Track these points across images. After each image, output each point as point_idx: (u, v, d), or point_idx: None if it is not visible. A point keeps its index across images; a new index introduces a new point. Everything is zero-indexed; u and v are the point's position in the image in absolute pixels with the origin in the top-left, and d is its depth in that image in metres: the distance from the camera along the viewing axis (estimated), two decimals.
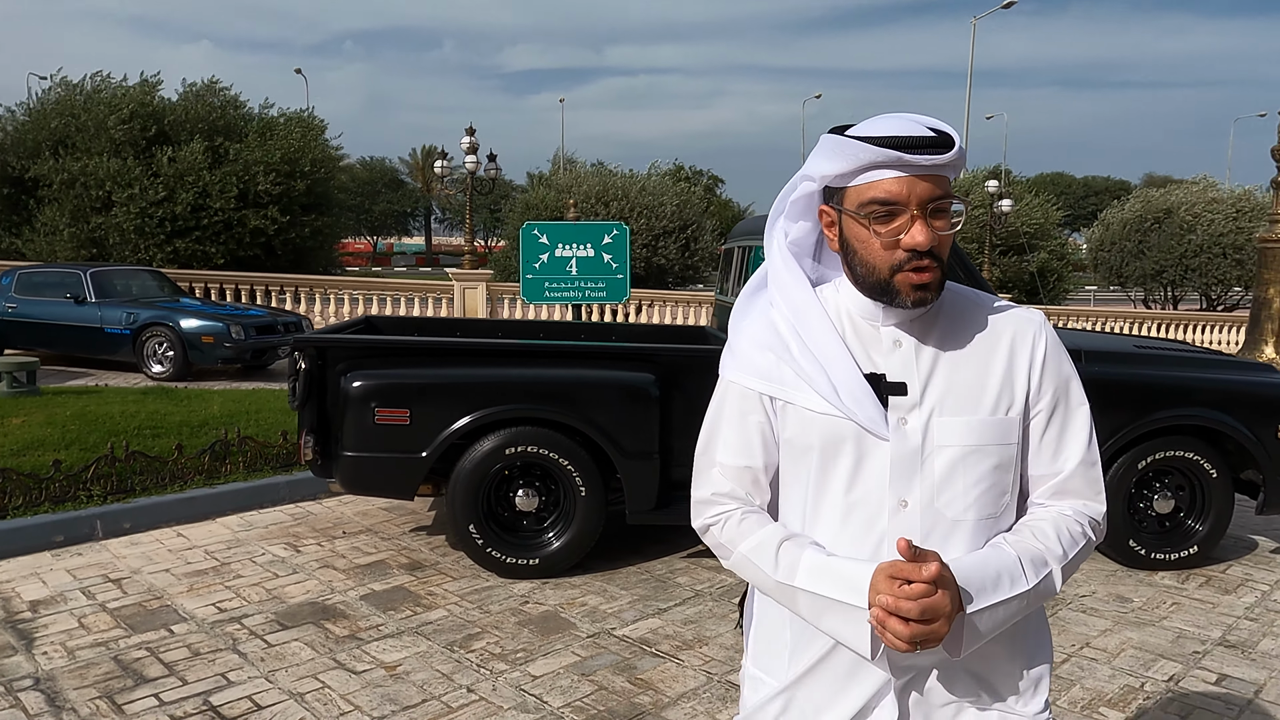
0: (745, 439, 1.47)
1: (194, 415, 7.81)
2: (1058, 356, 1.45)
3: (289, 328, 12.15)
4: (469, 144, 17.23)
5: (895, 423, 1.37)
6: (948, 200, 1.34)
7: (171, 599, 4.42)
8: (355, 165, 38.97)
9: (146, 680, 3.60)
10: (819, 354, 1.40)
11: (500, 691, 3.58)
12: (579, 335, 6.46)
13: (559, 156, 51.79)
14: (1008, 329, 1.44)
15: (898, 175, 1.31)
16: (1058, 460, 1.43)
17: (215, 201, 18.65)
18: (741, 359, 1.48)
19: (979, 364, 1.41)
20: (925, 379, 1.39)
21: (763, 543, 1.41)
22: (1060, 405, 1.44)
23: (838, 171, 1.36)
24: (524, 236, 8.72)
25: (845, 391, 1.37)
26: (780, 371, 1.42)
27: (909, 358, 1.41)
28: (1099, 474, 1.47)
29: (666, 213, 24.75)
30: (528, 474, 4.80)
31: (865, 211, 1.34)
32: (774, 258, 1.53)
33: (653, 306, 18.31)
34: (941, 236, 1.34)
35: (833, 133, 1.37)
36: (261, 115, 21.39)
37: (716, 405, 1.53)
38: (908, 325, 1.42)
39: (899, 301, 1.36)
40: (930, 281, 1.35)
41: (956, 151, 1.32)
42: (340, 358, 4.72)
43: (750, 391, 1.46)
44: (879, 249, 1.35)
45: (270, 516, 5.78)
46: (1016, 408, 1.42)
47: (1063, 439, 1.44)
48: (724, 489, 1.49)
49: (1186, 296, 30.89)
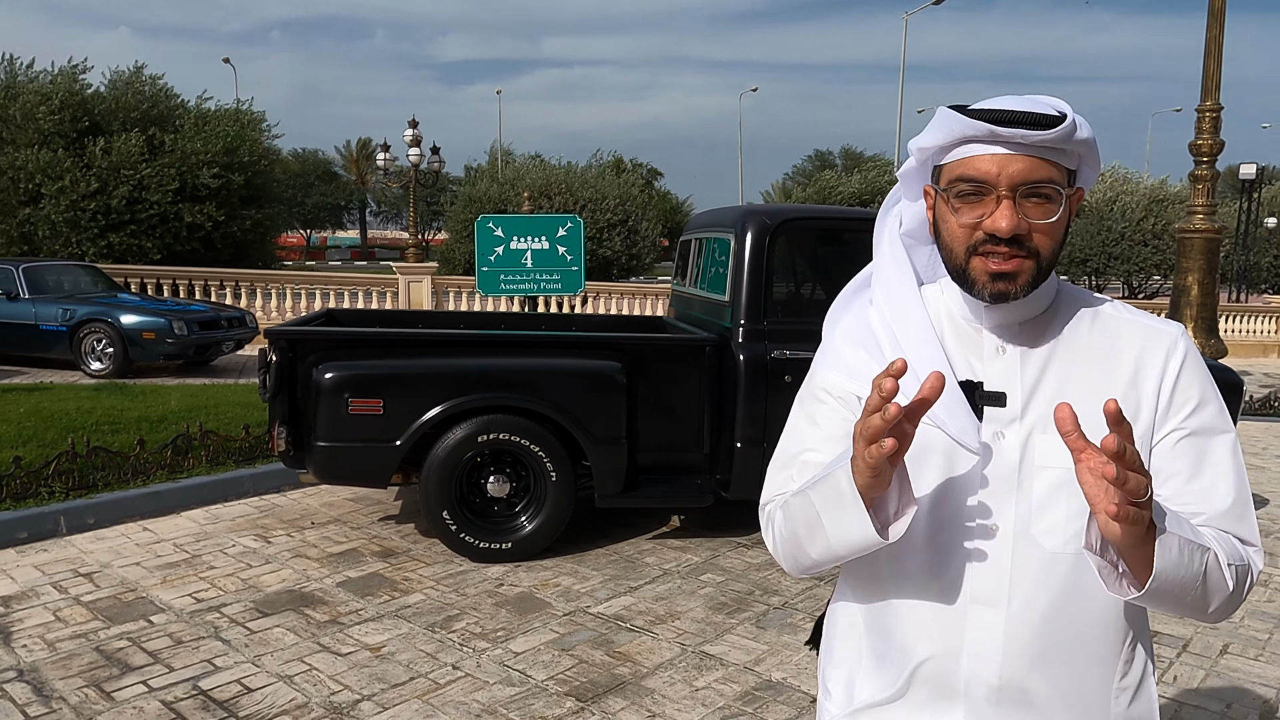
0: (829, 435, 1.32)
1: (152, 410, 7.74)
2: (1196, 374, 1.26)
3: (232, 323, 12.02)
4: (412, 136, 17.13)
5: (990, 437, 1.23)
6: (1050, 184, 1.18)
7: (146, 591, 4.45)
8: (287, 157, 38.22)
9: (132, 668, 3.65)
10: (911, 355, 1.26)
11: (485, 668, 3.72)
12: (540, 326, 6.59)
13: (496, 149, 51.58)
14: (1135, 340, 1.27)
15: (992, 152, 1.18)
16: (1196, 493, 1.23)
17: (153, 195, 18.24)
18: (831, 354, 1.37)
19: (1097, 378, 1.25)
20: (1029, 391, 1.25)
21: (805, 483, 1.26)
22: (1200, 431, 1.24)
23: (934, 144, 1.24)
24: (479, 229, 8.80)
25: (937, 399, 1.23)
26: (871, 370, 1.29)
27: (1012, 366, 1.26)
28: (1254, 517, 1.25)
29: (609, 205, 24.92)
30: (499, 460, 4.93)
31: (953, 189, 1.22)
32: (882, 250, 1.41)
33: (598, 298, 18.45)
34: (1036, 224, 1.19)
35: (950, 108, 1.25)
36: (198, 106, 20.94)
37: (801, 403, 1.39)
38: (1015, 330, 1.28)
39: (977, 292, 1.22)
40: (1013, 271, 1.19)
41: (1062, 130, 1.16)
42: (312, 349, 4.79)
43: (838, 387, 1.33)
44: (957, 228, 1.22)
45: (236, 509, 5.81)
46: (1140, 430, 1.23)
47: (1200, 469, 1.23)
48: (790, 489, 1.33)
49: (1109, 285, 32.13)
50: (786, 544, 1.29)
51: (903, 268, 1.36)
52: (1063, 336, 1.28)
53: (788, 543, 1.28)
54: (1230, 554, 1.17)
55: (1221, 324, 17.32)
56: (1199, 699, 3.58)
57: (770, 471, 1.38)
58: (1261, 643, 4.14)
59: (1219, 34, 9.23)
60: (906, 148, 1.33)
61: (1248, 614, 4.48)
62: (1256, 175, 29.87)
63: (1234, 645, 4.10)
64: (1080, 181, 1.25)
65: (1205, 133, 9.32)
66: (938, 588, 1.24)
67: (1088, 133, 1.19)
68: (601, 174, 27.53)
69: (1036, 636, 1.21)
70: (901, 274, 1.36)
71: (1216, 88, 9.28)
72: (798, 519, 1.23)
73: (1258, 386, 14.36)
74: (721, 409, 5.06)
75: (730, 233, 5.17)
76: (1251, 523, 1.24)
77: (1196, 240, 9.52)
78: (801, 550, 1.25)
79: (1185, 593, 1.10)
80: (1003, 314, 1.27)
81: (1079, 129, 1.18)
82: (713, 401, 5.04)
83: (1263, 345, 20.34)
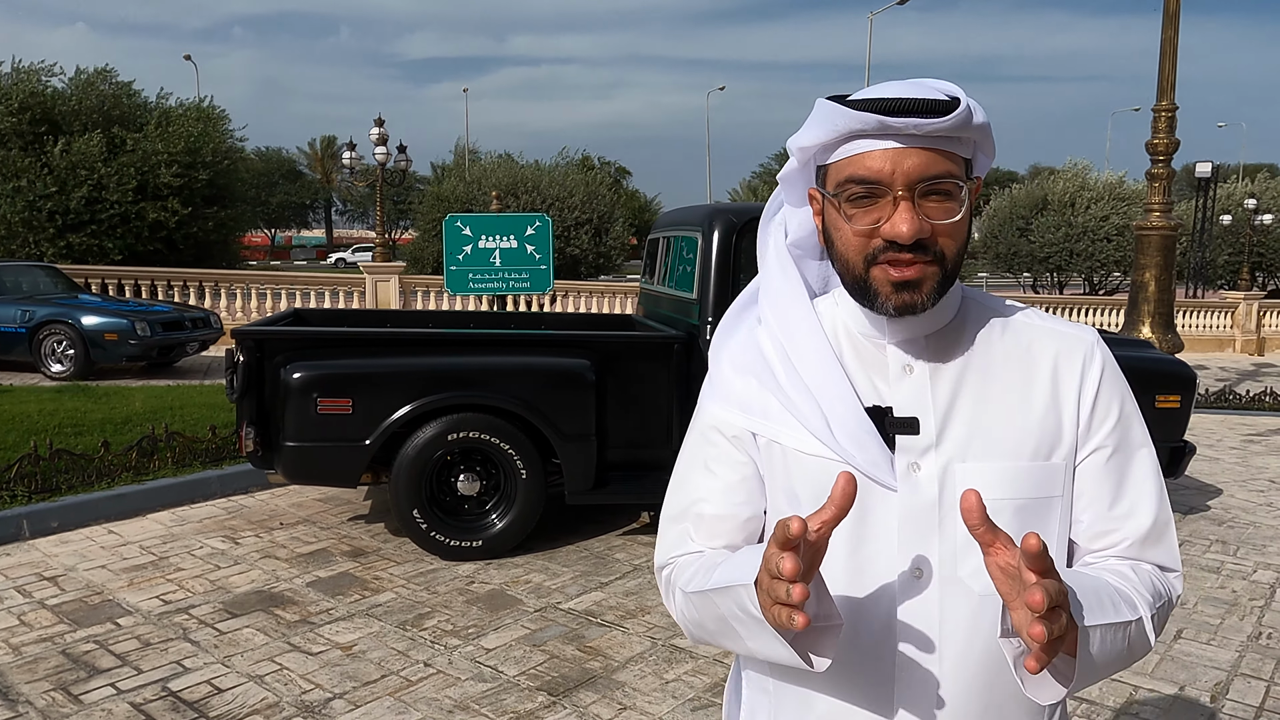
0: (725, 484, 1.18)
1: (116, 412, 7.66)
2: (1115, 385, 1.16)
3: (197, 324, 11.89)
4: (378, 135, 17.00)
5: (905, 469, 1.10)
6: (950, 179, 1.05)
7: (113, 594, 4.41)
8: (250, 156, 37.75)
9: (100, 671, 3.63)
10: (810, 380, 1.13)
11: (456, 664, 3.74)
12: (509, 324, 6.60)
13: (461, 147, 51.33)
14: (1049, 350, 1.16)
15: (883, 147, 1.04)
16: (1118, 518, 1.14)
17: (112, 194, 17.95)
18: (719, 386, 1.21)
19: (1014, 395, 1.13)
20: (943, 414, 1.11)
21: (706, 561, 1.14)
22: (1120, 447, 1.15)
23: (815, 141, 1.10)
24: (447, 228, 8.79)
25: (841, 428, 1.10)
26: (764, 401, 1.15)
27: (922, 386, 1.12)
28: (1174, 539, 1.17)
29: (576, 203, 24.91)
30: (469, 459, 4.95)
31: (843, 192, 1.07)
32: (768, 263, 1.25)
33: (567, 297, 18.45)
34: (939, 225, 1.05)
35: (829, 99, 1.10)
36: (159, 104, 20.64)
37: (688, 444, 1.24)
38: (921, 345, 1.14)
39: (879, 305, 1.08)
40: (917, 279, 1.06)
41: (958, 117, 1.03)
42: (280, 349, 4.77)
43: (729, 425, 1.18)
44: (851, 236, 1.07)
45: (203, 511, 5.77)
46: (1062, 450, 1.13)
47: (1122, 490, 1.14)
48: (688, 549, 1.20)
49: (1071, 281, 32.66)
50: (695, 627, 1.14)
51: (793, 281, 1.21)
52: (974, 349, 1.15)
53: (697, 627, 1.13)
54: (1153, 597, 1.09)
55: (1178, 319, 17.68)
56: (1154, 683, 3.69)
57: (663, 523, 1.24)
58: (1214, 628, 4.27)
59: (1174, 35, 9.45)
60: (786, 146, 1.16)
61: (1200, 600, 4.61)
62: (1212, 173, 30.51)
63: (1187, 630, 4.22)
64: (976, 170, 1.13)
65: (1161, 132, 9.53)
66: (860, 644, 1.10)
67: (983, 116, 1.08)
68: (569, 172, 27.49)
69: (973, 690, 1.09)
70: (792, 287, 1.21)
71: (1172, 88, 9.49)
72: (705, 615, 1.10)
73: (1213, 380, 14.69)
74: (690, 406, 5.10)
75: (698, 231, 5.22)
76: (1170, 544, 1.16)
77: (1154, 237, 9.73)
78: (715, 641, 1.12)
79: (1110, 669, 1.03)
80: (907, 327, 1.13)
81: (975, 113, 1.06)
82: (681, 398, 5.09)
83: (1218, 340, 20.79)
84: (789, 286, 1.21)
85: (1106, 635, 0.98)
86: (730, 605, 1.02)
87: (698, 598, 1.09)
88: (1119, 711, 3.44)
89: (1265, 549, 5.50)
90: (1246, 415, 10.68)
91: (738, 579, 1.00)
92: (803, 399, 1.12)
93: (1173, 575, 1.16)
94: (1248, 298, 21.15)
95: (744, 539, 1.18)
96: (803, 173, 1.18)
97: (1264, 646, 4.06)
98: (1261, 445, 8.90)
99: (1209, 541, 5.63)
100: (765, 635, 0.97)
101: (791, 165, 1.18)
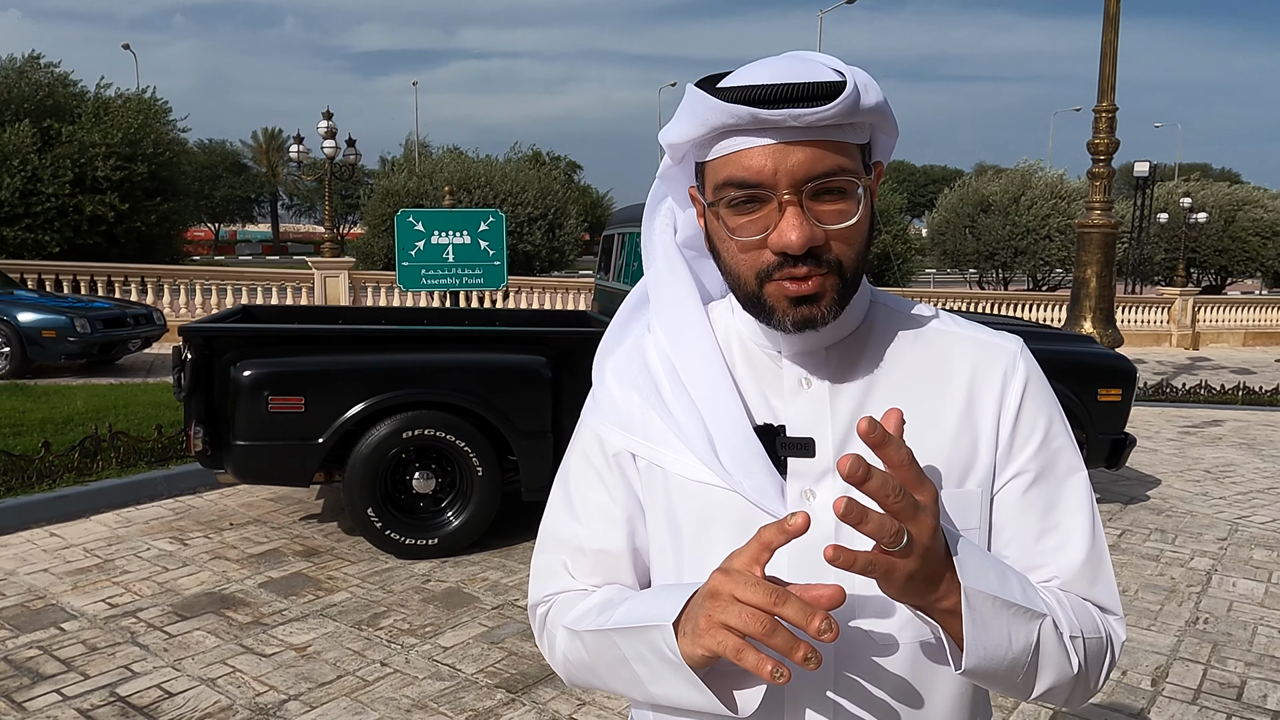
0: (604, 512, 1.06)
1: (56, 412, 7.44)
2: (1041, 400, 1.02)
3: (139, 320, 11.61)
4: (326, 128, 16.72)
5: (797, 496, 0.97)
6: (843, 175, 0.90)
7: (56, 598, 4.30)
8: (193, 148, 36.89)
9: (44, 677, 3.54)
10: (697, 396, 1.00)
11: (414, 663, 3.71)
12: (463, 321, 6.56)
13: (411, 141, 50.75)
14: (967, 359, 1.02)
15: (762, 143, 0.89)
16: (1046, 552, 1.00)
17: (47, 187, 17.43)
18: (601, 399, 1.08)
19: (924, 413, 0.99)
20: (843, 435, 0.98)
21: (596, 601, 1.03)
22: (1046, 472, 1.00)
23: (685, 138, 0.94)
24: (399, 224, 8.70)
25: (727, 450, 0.97)
26: (645, 420, 1.02)
27: (820, 403, 0.99)
28: (1111, 577, 1.02)
29: (529, 198, 24.80)
30: (424, 456, 4.91)
31: (722, 198, 0.93)
32: (655, 262, 1.11)
33: (520, 292, 18.36)
34: (833, 230, 0.91)
35: (699, 84, 0.94)
36: (97, 95, 20.06)
37: (566, 465, 1.11)
38: (821, 358, 1.01)
39: (777, 322, 0.94)
40: (816, 292, 0.92)
41: (844, 102, 0.87)
42: (229, 347, 4.69)
43: (610, 443, 1.05)
44: (738, 251, 0.94)
45: (150, 512, 5.64)
46: (978, 476, 0.99)
47: (1050, 521, 1.00)
48: (566, 585, 1.07)
49: (1015, 278, 33.36)
50: (580, 670, 1.01)
51: (683, 283, 1.08)
52: (880, 362, 1.02)
53: (583, 669, 1.01)
54: (1082, 624, 0.94)
55: (1118, 315, 18.14)
56: None
57: (537, 551, 1.12)
58: (1154, 614, 4.41)
59: (1114, 38, 9.69)
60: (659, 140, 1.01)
61: (1141, 587, 4.76)
62: (1149, 173, 31.37)
63: (1129, 617, 4.35)
64: (876, 154, 0.98)
65: (1102, 132, 9.78)
66: None
67: (876, 96, 0.91)
68: (521, 167, 27.34)
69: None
70: (681, 291, 1.07)
71: (1112, 89, 9.74)
72: (598, 658, 0.97)
73: (1151, 374, 15.13)
74: None
75: None
76: (1106, 582, 1.00)
77: (1095, 235, 9.99)
78: (603, 685, 1.00)
79: (1014, 671, 0.88)
80: (806, 339, 0.99)
81: (865, 94, 0.89)
82: None
83: (1156, 335, 21.39)
84: (679, 290, 1.07)
85: (1003, 615, 0.85)
86: (637, 647, 0.90)
87: (593, 638, 0.97)
88: None
89: (1201, 537, 5.69)
90: (1183, 408, 11.03)
91: (651, 618, 0.89)
92: (687, 416, 1.00)
93: (1113, 618, 1.00)
94: (1183, 294, 21.79)
95: (630, 575, 1.06)
96: (683, 169, 1.02)
97: (1201, 631, 4.21)
98: (1197, 437, 9.20)
99: (1148, 530, 5.81)
100: (678, 680, 0.87)
101: (667, 162, 1.03)
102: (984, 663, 0.85)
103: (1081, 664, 0.93)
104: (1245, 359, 18.90)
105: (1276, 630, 4.24)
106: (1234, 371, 16.21)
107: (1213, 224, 32.68)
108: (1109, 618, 1.00)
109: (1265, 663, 3.89)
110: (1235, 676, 3.76)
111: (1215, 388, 12.02)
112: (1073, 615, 0.94)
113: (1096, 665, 0.95)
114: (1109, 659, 0.98)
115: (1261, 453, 8.46)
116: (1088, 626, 0.95)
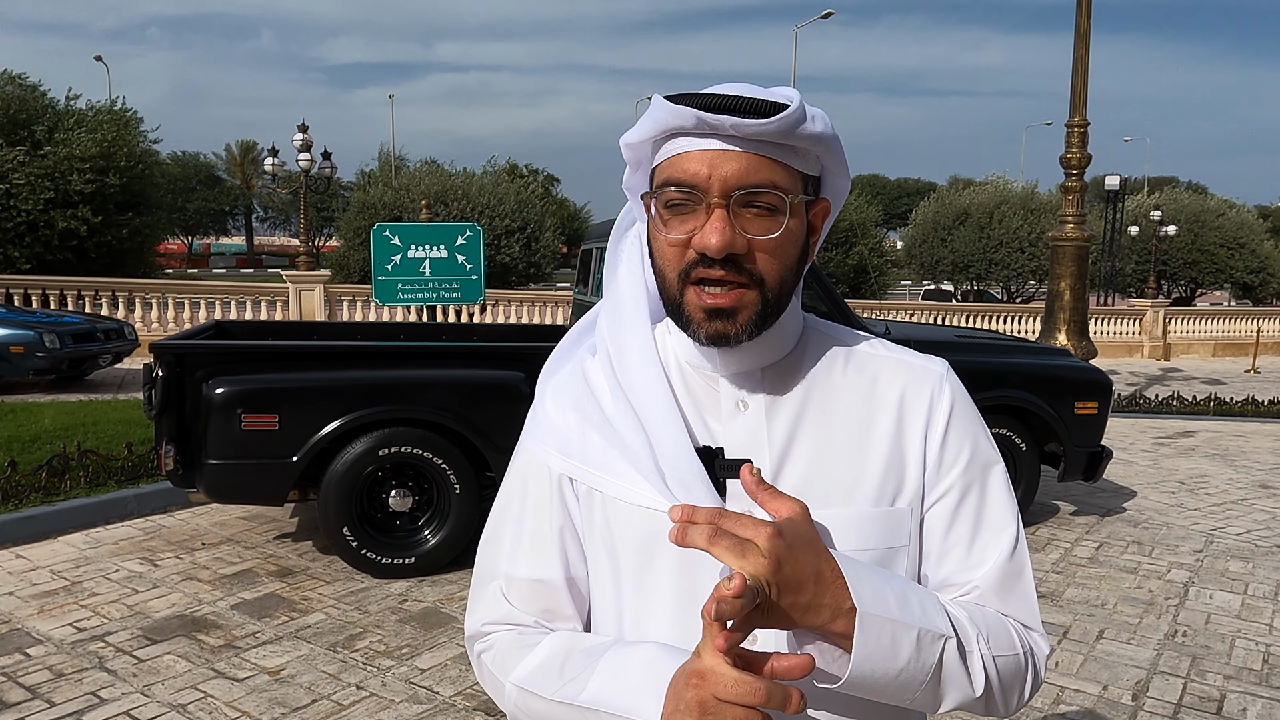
0: (538, 539, 1.05)
1: (23, 430, 7.29)
2: (966, 421, 1.05)
3: (110, 335, 11.44)
4: (302, 141, 16.62)
5: None
6: (773, 190, 0.92)
7: (21, 622, 4.20)
8: (166, 161, 36.53)
9: (8, 705, 3.44)
10: (642, 414, 1.00)
11: (390, 686, 3.65)
12: (440, 336, 6.50)
13: (385, 153, 50.53)
14: (896, 382, 1.05)
15: (702, 147, 0.92)
16: (971, 568, 1.02)
17: (24, 203, 17.17)
18: (540, 420, 1.07)
19: (856, 434, 1.02)
20: (779, 456, 1.00)
21: (549, 655, 0.99)
22: (972, 490, 1.03)
23: (641, 138, 0.98)
24: (376, 238, 8.63)
25: (671, 470, 0.97)
26: (584, 442, 1.02)
27: (757, 425, 1.00)
28: (1031, 591, 1.04)
29: (506, 211, 24.74)
30: (401, 474, 4.85)
31: (661, 197, 0.95)
32: (617, 282, 1.11)
33: (498, 306, 18.28)
34: (757, 241, 0.93)
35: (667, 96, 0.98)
36: (69, 107, 19.83)
37: (504, 489, 1.10)
38: (757, 379, 1.02)
39: (692, 332, 0.97)
40: (732, 306, 0.94)
41: (784, 119, 0.90)
42: (201, 363, 4.61)
43: (547, 470, 1.04)
44: (666, 248, 0.96)
45: (119, 532, 5.53)
46: (908, 494, 1.02)
47: (975, 537, 1.02)
48: (505, 615, 1.06)
49: (990, 290, 33.64)
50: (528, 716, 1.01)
51: (639, 303, 1.07)
52: (815, 384, 1.04)
53: (531, 716, 1.00)
54: (996, 643, 0.95)
55: (1091, 326, 18.34)
56: (1078, 682, 3.80)
57: (476, 582, 1.10)
58: (1133, 627, 4.42)
59: (1085, 54, 9.82)
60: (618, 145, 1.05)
61: (1120, 600, 4.77)
62: (1120, 186, 31.77)
63: (1109, 630, 4.36)
64: (826, 192, 1.02)
65: (1074, 146, 9.90)
66: None
67: (823, 127, 0.94)
68: (498, 180, 27.29)
69: None
70: (634, 310, 1.07)
71: (1083, 104, 9.87)
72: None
73: (1124, 385, 15.27)
74: None
75: None
76: (1025, 596, 1.02)
77: (1068, 248, 10.09)
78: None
79: (906, 690, 0.88)
80: (740, 359, 1.01)
81: (810, 121, 0.93)
82: None
83: (1128, 346, 21.63)
84: (633, 309, 1.07)
85: (902, 638, 0.86)
86: None
87: (562, 710, 0.95)
88: (1045, 713, 3.53)
89: (1178, 549, 5.72)
90: (1156, 419, 11.13)
91: (633, 712, 0.88)
92: (633, 437, 0.99)
93: (1035, 634, 1.02)
94: (1155, 305, 22.06)
95: (569, 605, 1.05)
96: (641, 177, 1.05)
97: (1180, 644, 4.22)
98: (1171, 448, 9.28)
99: (1126, 543, 5.83)
100: None
101: (629, 171, 1.06)
102: (867, 680, 0.86)
103: (989, 683, 0.93)
104: (1215, 369, 19.15)
105: (1254, 643, 4.26)
106: (1205, 382, 16.41)
107: (1182, 237, 33.11)
108: (1030, 634, 1.01)
109: (1244, 675, 3.90)
110: (1215, 690, 3.76)
111: (1187, 399, 12.14)
112: (985, 632, 0.95)
113: (1014, 682, 0.97)
114: (1030, 675, 0.99)
115: (1234, 463, 8.55)
116: (1002, 645, 0.96)
